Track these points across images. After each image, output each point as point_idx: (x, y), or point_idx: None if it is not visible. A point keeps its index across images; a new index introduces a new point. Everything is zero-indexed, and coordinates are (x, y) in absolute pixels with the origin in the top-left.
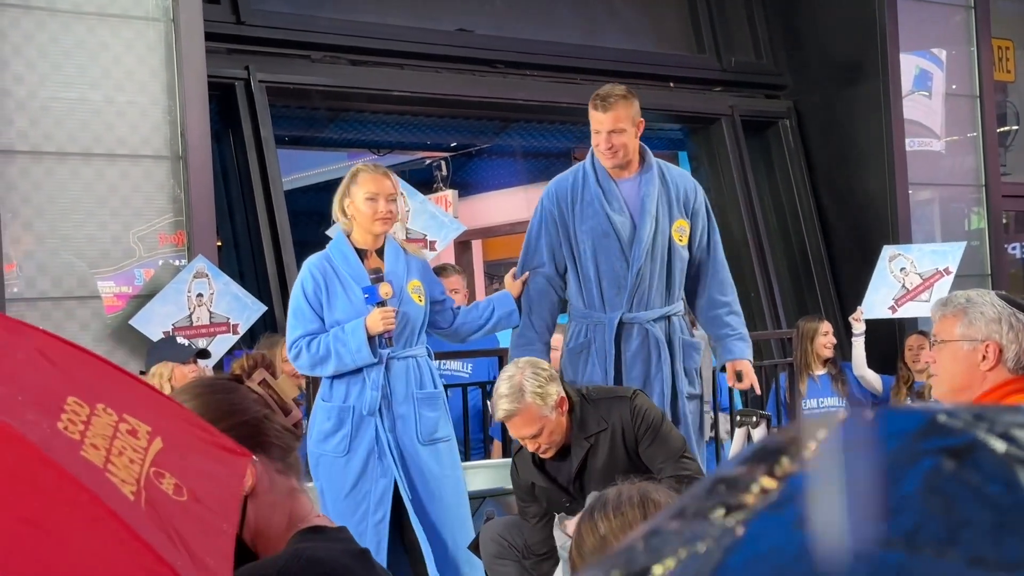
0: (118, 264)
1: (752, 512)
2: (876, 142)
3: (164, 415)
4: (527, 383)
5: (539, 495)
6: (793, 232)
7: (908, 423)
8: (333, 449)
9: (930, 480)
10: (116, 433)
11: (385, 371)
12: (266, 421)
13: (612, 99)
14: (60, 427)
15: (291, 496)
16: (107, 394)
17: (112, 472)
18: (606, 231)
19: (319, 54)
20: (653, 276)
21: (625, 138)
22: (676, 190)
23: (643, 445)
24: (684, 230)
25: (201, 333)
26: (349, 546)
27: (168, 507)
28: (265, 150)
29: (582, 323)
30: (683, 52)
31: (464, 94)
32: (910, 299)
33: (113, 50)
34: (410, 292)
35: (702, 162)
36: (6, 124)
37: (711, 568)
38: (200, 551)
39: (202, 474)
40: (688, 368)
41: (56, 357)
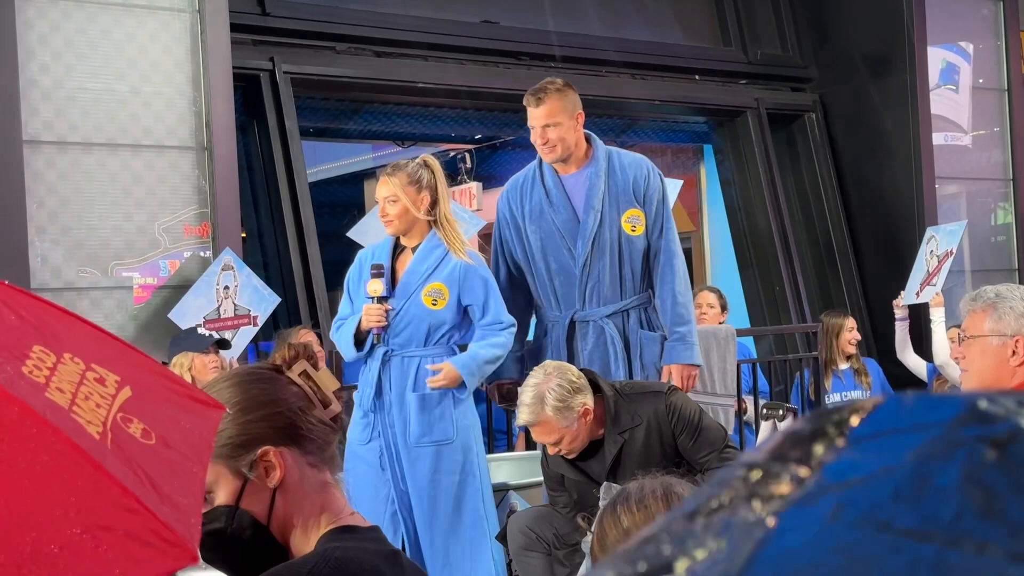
0: (143, 255)
1: (785, 503)
2: (902, 136)
3: (136, 368)
4: (549, 395)
5: (569, 487)
6: (818, 226)
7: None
8: (358, 437)
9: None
10: (83, 380)
11: (383, 367)
12: (301, 413)
13: (544, 93)
14: (24, 371)
15: (323, 490)
16: (76, 346)
17: (77, 414)
18: (550, 230)
19: (344, 46)
20: (603, 271)
21: (561, 131)
22: (626, 178)
23: (683, 441)
24: (638, 219)
25: (227, 325)
26: (381, 546)
27: (135, 449)
28: (290, 141)
29: (541, 323)
30: (708, 44)
31: (489, 86)
32: (928, 283)
33: (139, 41)
34: (422, 294)
35: (727, 155)
36: (32, 114)
37: (742, 561)
38: (168, 490)
39: (172, 422)
40: (646, 363)
41: (21, 310)
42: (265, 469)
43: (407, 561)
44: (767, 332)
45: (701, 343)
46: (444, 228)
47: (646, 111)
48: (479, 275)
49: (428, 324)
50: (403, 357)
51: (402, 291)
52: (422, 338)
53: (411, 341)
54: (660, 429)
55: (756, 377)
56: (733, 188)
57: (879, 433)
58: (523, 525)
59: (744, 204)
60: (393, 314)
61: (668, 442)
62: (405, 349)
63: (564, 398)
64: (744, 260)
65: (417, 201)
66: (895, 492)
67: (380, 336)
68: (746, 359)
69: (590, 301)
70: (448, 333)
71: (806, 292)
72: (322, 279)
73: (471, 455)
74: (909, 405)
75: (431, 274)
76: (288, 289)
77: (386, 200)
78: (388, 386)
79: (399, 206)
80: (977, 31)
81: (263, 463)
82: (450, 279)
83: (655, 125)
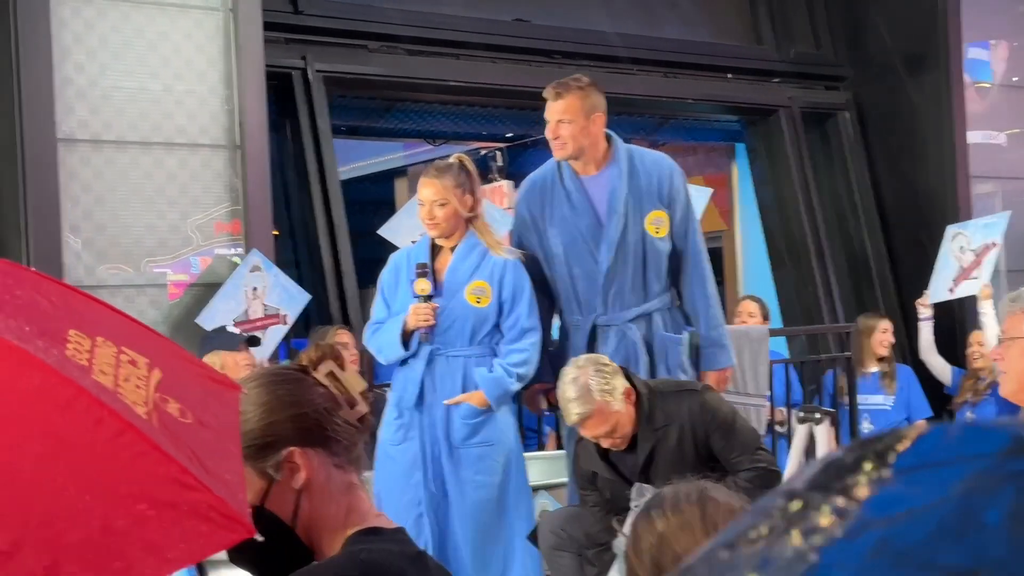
0: (175, 252)
1: (827, 537)
2: (937, 134)
3: (159, 349)
4: (592, 382)
5: (601, 486)
6: (852, 225)
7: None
8: (390, 438)
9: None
10: (119, 362)
11: (427, 367)
12: (327, 415)
13: (565, 89)
14: (68, 355)
15: (349, 492)
16: (103, 329)
17: (123, 394)
18: (573, 235)
19: (376, 44)
20: (626, 275)
21: (574, 130)
22: (649, 180)
23: (716, 440)
24: (661, 221)
25: (256, 326)
26: (406, 548)
27: (178, 427)
28: (322, 140)
29: (563, 326)
30: (741, 43)
31: (521, 84)
32: (964, 278)
33: (172, 39)
34: (466, 292)
35: (760, 155)
36: (67, 113)
37: None
38: (214, 467)
39: (202, 402)
40: (671, 366)
41: (52, 295)
42: (290, 470)
43: (432, 562)
44: (799, 332)
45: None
46: (480, 227)
47: (678, 110)
48: (517, 271)
49: (472, 322)
50: (447, 357)
51: (446, 290)
52: (467, 337)
53: (456, 340)
54: (693, 428)
55: (789, 377)
56: (766, 187)
57: (923, 465)
58: (554, 525)
59: (777, 203)
60: (439, 312)
61: (701, 441)
62: (450, 349)
63: (607, 381)
64: (777, 260)
65: (463, 203)
66: (940, 528)
67: (427, 335)
68: (778, 359)
69: (612, 306)
70: (491, 332)
71: (839, 292)
72: (353, 277)
73: (511, 455)
74: (954, 436)
75: (473, 272)
76: (319, 287)
77: (434, 203)
78: (432, 386)
79: (448, 208)
80: (1013, 29)
81: (288, 464)
82: (492, 276)
83: (687, 124)
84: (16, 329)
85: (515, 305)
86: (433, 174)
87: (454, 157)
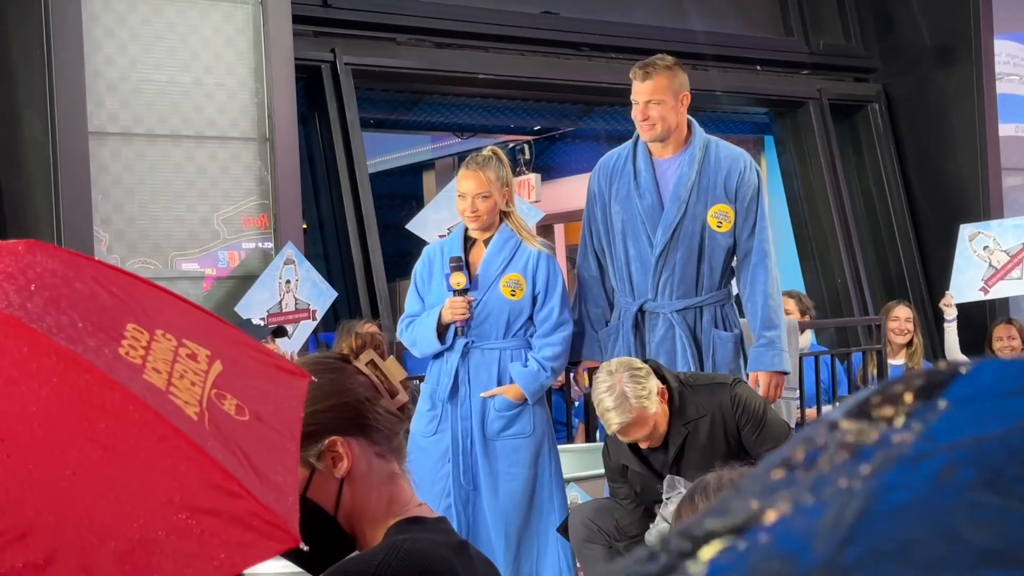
0: (204, 246)
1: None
2: (967, 126)
3: (222, 339)
4: (628, 389)
5: (631, 479)
6: (881, 218)
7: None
8: (423, 430)
9: None
10: (176, 357)
11: (462, 359)
12: (368, 404)
13: (653, 68)
14: (122, 352)
15: (390, 481)
16: (165, 321)
17: (174, 394)
18: (633, 214)
19: (404, 37)
20: (679, 264)
21: (663, 110)
22: (719, 172)
23: (747, 434)
24: (725, 215)
25: (289, 319)
26: (449, 538)
27: (231, 427)
28: (350, 133)
29: (618, 307)
30: (770, 35)
31: (548, 77)
32: (1000, 278)
33: (202, 33)
34: (501, 284)
35: (788, 147)
36: (97, 106)
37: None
38: (265, 468)
39: (263, 395)
40: (719, 363)
41: (113, 286)
42: (333, 459)
43: (475, 551)
44: (828, 325)
45: None
46: (514, 219)
47: (707, 102)
48: (550, 264)
49: (508, 315)
50: (483, 350)
51: (481, 283)
52: (502, 330)
53: (491, 333)
54: (724, 421)
55: (819, 370)
56: (794, 179)
57: (983, 396)
58: (585, 517)
59: (805, 195)
60: (474, 305)
61: (732, 434)
62: (485, 342)
63: (642, 385)
64: (805, 252)
65: (503, 195)
66: (1011, 456)
67: (463, 328)
68: (808, 351)
69: (662, 293)
70: (525, 325)
71: (868, 284)
72: (382, 270)
73: (544, 448)
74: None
75: (507, 265)
76: (348, 280)
77: (476, 196)
78: (466, 378)
79: (490, 201)
80: None
81: (331, 453)
82: (526, 268)
83: (716, 116)
84: (69, 327)
85: (548, 298)
86: (475, 167)
87: (488, 150)
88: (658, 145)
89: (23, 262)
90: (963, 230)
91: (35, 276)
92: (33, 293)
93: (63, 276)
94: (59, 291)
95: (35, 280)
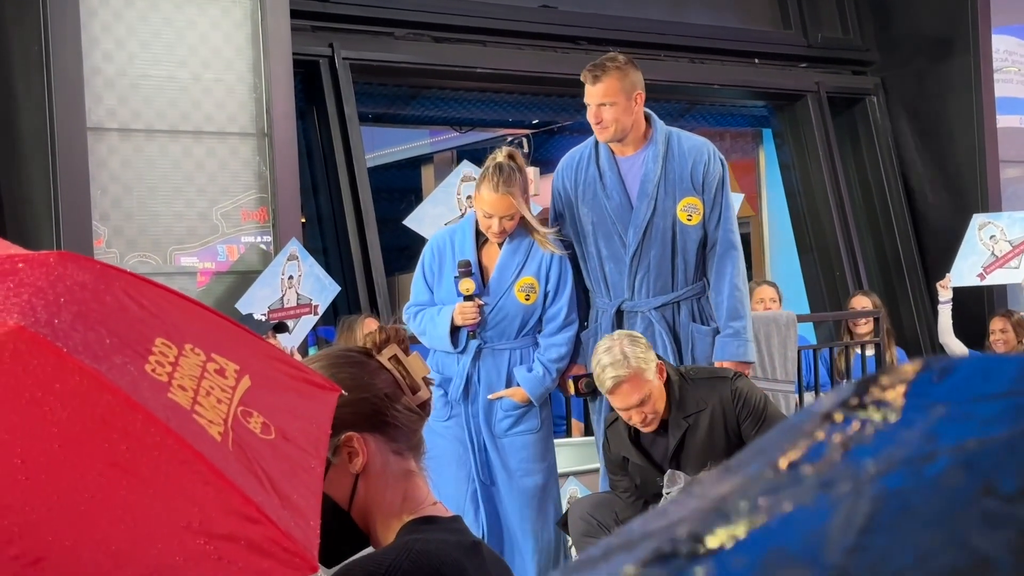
0: (203, 240)
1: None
2: (965, 119)
3: (252, 353)
4: (628, 350)
5: (632, 471)
6: (879, 210)
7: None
8: (436, 414)
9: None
10: (204, 373)
11: (474, 360)
12: (388, 400)
13: (603, 71)
14: (148, 369)
15: (406, 478)
16: (194, 334)
17: (199, 413)
18: (602, 215)
19: (402, 31)
20: (655, 260)
21: (616, 112)
22: (684, 164)
23: (747, 428)
24: (694, 208)
25: (290, 315)
26: (462, 538)
27: (256, 446)
28: (349, 127)
29: (593, 307)
30: (768, 28)
31: (546, 71)
32: (999, 266)
33: (200, 28)
34: (515, 289)
35: (786, 140)
36: (96, 102)
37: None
38: (288, 489)
39: (290, 411)
40: (698, 358)
41: (143, 299)
42: (348, 454)
43: (488, 551)
44: (827, 318)
45: (762, 329)
46: (529, 222)
47: (705, 95)
48: (563, 264)
49: (521, 318)
50: (494, 350)
51: (495, 287)
52: (515, 332)
53: (503, 335)
54: (724, 415)
55: (817, 363)
56: (792, 173)
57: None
58: (584, 512)
59: (804, 189)
60: (488, 309)
61: (732, 429)
62: (496, 343)
63: (641, 350)
64: (804, 245)
65: (526, 201)
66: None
67: (475, 332)
68: (806, 345)
69: (639, 291)
70: (536, 325)
71: (866, 277)
72: (381, 264)
73: (550, 443)
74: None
75: (522, 269)
76: (347, 274)
77: (504, 218)
78: (477, 378)
79: (517, 219)
80: None
81: (347, 448)
82: (539, 272)
83: (714, 109)
84: (95, 344)
85: (557, 297)
86: (503, 189)
87: (504, 155)
88: (618, 144)
89: (53, 275)
90: (975, 219)
91: (64, 290)
92: (61, 308)
93: (93, 289)
94: (88, 305)
95: (64, 294)
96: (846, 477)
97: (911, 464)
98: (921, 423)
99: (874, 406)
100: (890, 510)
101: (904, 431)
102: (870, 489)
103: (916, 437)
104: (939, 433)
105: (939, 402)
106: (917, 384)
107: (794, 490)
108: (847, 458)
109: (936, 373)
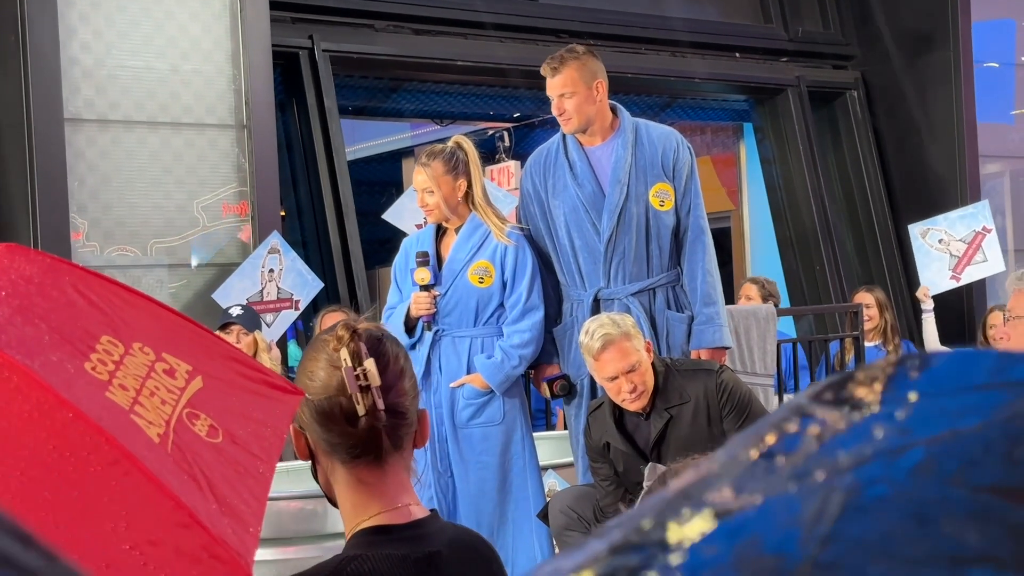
0: (182, 233)
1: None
2: (946, 114)
3: (209, 354)
4: (617, 318)
5: (613, 457)
6: (859, 204)
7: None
8: None
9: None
10: (151, 373)
11: (433, 347)
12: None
13: (561, 62)
14: (87, 367)
15: (354, 489)
16: (146, 333)
17: (139, 414)
18: (575, 205)
19: (383, 23)
20: (629, 248)
21: (577, 102)
22: (655, 152)
23: (729, 422)
24: (666, 194)
25: (270, 308)
26: (413, 550)
27: (198, 449)
28: (329, 120)
29: (567, 301)
30: (749, 21)
31: (528, 64)
32: (966, 263)
33: (179, 19)
34: (468, 272)
35: (767, 134)
36: (73, 93)
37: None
38: (229, 494)
39: (243, 414)
40: (673, 345)
41: (92, 294)
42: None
43: (447, 563)
44: (807, 312)
45: (741, 322)
46: (481, 209)
47: (686, 89)
48: (519, 249)
49: (476, 302)
50: (453, 338)
51: (448, 272)
52: (471, 318)
53: (461, 321)
54: (708, 408)
55: (796, 357)
56: (773, 167)
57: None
58: (564, 505)
59: (784, 183)
60: (441, 297)
61: (715, 422)
62: (455, 330)
63: (631, 322)
64: (784, 239)
65: (455, 188)
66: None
67: (430, 324)
68: (786, 339)
69: (615, 279)
70: (496, 312)
71: (846, 271)
72: (361, 257)
73: (516, 435)
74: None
75: (475, 253)
76: (327, 268)
77: (424, 191)
78: (438, 367)
79: (436, 196)
80: (1022, 8)
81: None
82: (494, 256)
83: (695, 103)
84: (32, 339)
85: (516, 283)
86: (423, 161)
87: (452, 140)
88: (585, 135)
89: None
90: (912, 229)
91: (8, 283)
92: (1, 301)
93: (39, 283)
94: (31, 299)
95: (7, 287)
96: (820, 468)
97: (886, 456)
98: (897, 416)
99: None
100: (864, 501)
101: (880, 424)
102: (844, 480)
103: (891, 430)
104: (914, 425)
105: (915, 395)
106: (894, 378)
107: (768, 480)
108: (822, 450)
109: (913, 367)
